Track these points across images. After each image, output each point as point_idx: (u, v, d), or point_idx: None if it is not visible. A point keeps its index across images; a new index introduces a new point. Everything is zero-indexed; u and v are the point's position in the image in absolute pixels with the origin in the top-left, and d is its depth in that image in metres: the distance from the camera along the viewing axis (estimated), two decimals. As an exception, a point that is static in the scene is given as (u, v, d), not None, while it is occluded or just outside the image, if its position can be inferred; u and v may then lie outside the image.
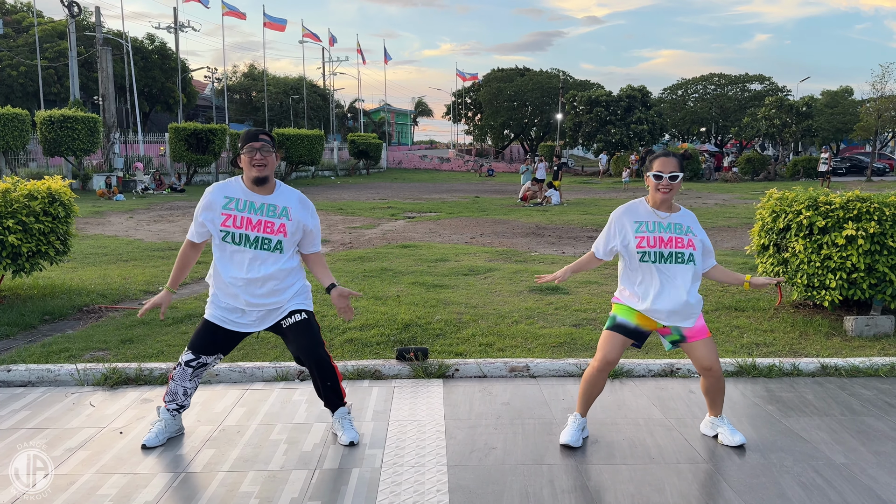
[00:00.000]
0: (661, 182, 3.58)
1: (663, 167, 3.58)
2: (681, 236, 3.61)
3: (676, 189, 3.60)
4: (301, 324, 3.70)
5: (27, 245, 6.63)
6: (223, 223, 3.57)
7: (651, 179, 3.62)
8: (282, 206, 3.62)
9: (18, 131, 23.85)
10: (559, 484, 3.37)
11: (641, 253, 3.60)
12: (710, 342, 3.67)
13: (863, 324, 5.92)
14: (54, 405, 4.41)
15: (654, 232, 3.60)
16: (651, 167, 3.63)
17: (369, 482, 3.37)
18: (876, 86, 38.02)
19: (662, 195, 3.60)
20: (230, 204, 3.58)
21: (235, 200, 3.59)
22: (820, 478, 3.42)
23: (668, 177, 3.56)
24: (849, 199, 6.03)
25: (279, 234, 3.59)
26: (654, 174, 3.59)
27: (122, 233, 13.73)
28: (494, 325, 6.15)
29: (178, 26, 43.10)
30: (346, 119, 72.99)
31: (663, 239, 3.59)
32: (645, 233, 3.61)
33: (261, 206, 3.59)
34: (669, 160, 3.59)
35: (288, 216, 3.61)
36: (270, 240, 3.58)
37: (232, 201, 3.59)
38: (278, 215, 3.59)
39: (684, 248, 3.59)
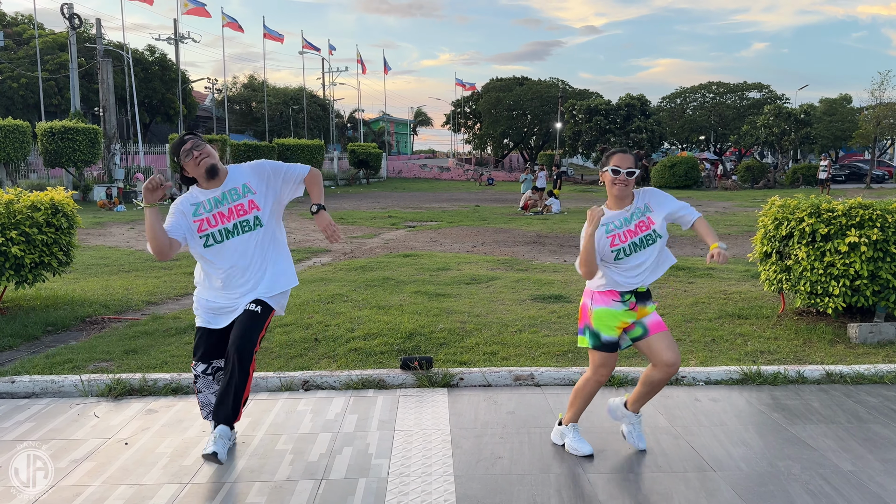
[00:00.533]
0: (618, 176, 3.60)
1: (620, 162, 3.61)
2: (641, 220, 3.64)
3: (631, 185, 3.64)
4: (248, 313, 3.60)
5: (30, 256, 6.63)
6: (199, 229, 3.60)
7: (608, 174, 3.64)
8: (241, 185, 3.65)
9: (19, 143, 23.91)
10: (567, 493, 3.35)
11: (616, 251, 3.61)
12: (670, 335, 3.68)
13: (867, 331, 5.91)
14: (59, 416, 4.40)
15: (622, 227, 3.64)
16: (608, 162, 3.65)
17: (376, 492, 3.36)
18: (875, 93, 38.15)
19: (618, 189, 3.62)
20: (198, 210, 3.61)
21: (200, 204, 3.62)
22: (828, 485, 3.41)
23: (625, 172, 3.58)
24: (851, 206, 6.04)
25: (253, 211, 3.63)
26: (612, 168, 3.61)
27: (123, 244, 13.74)
28: (498, 333, 6.15)
29: (179, 38, 43.23)
30: (346, 129, 73.14)
31: (631, 230, 3.63)
32: (614, 230, 3.63)
33: (223, 196, 3.62)
34: (626, 157, 3.63)
35: (251, 190, 3.64)
36: (248, 220, 3.63)
37: (199, 206, 3.62)
38: (242, 195, 3.63)
39: (648, 230, 3.63)
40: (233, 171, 3.70)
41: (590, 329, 3.71)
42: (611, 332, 3.65)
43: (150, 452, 3.84)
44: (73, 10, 30.01)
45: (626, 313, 3.64)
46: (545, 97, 61.74)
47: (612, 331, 3.65)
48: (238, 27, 46.42)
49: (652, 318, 3.68)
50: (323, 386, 4.91)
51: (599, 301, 3.70)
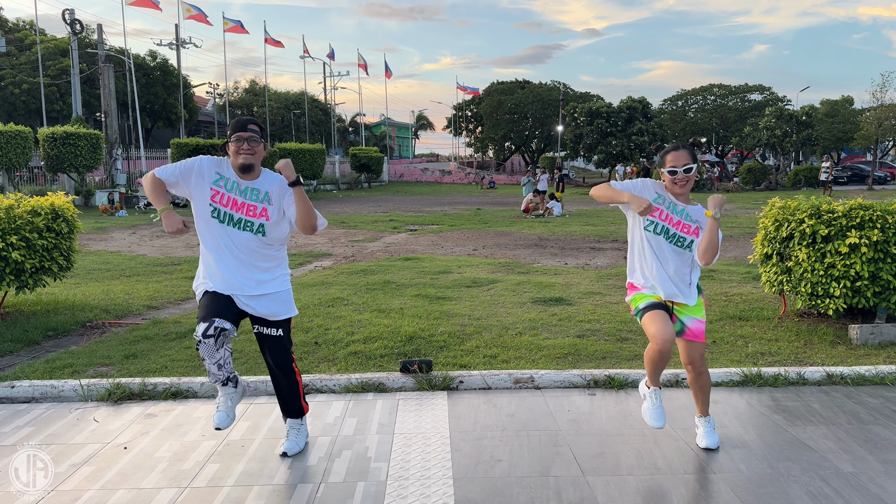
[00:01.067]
0: (676, 177, 3.59)
1: (676, 161, 3.59)
2: (689, 224, 3.64)
3: (692, 181, 3.62)
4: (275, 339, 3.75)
5: (30, 261, 6.64)
6: (212, 198, 3.60)
7: (666, 175, 3.62)
8: (264, 191, 3.65)
9: (21, 148, 23.98)
10: (566, 496, 3.35)
11: (650, 221, 3.63)
12: (701, 346, 3.72)
13: (868, 332, 5.90)
14: (58, 421, 4.40)
15: (669, 210, 3.65)
16: (664, 163, 3.63)
17: (375, 496, 3.36)
18: (876, 95, 38.13)
19: (680, 188, 3.62)
20: (220, 181, 3.62)
21: (226, 180, 3.63)
22: (828, 487, 3.40)
23: (682, 170, 3.57)
24: (851, 208, 6.03)
25: (261, 218, 3.62)
26: (669, 170, 3.60)
27: (124, 248, 13.75)
28: (498, 336, 6.14)
29: (180, 43, 43.34)
30: (348, 133, 73.24)
31: (673, 220, 3.64)
32: (661, 206, 3.65)
33: (245, 189, 3.63)
34: (681, 153, 3.60)
35: (269, 200, 3.64)
36: (252, 223, 3.62)
37: (222, 179, 3.63)
38: (261, 199, 3.63)
39: (688, 235, 3.63)
40: (266, 175, 3.71)
41: (635, 311, 3.77)
42: (648, 299, 3.68)
43: (149, 457, 3.84)
44: (74, 16, 30.11)
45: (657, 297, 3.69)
46: (546, 100, 61.77)
47: (648, 298, 3.68)
48: (241, 29, 46.47)
49: (694, 324, 3.68)
50: (322, 390, 4.91)
51: (634, 289, 3.80)
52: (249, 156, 3.58)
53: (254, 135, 3.58)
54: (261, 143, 3.61)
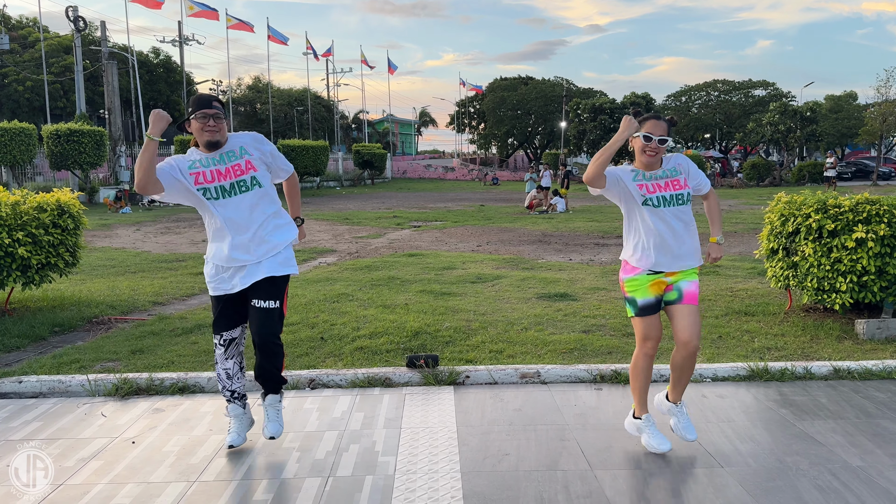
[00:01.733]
0: (649, 144, 3.50)
1: (653, 129, 3.50)
2: (675, 178, 3.58)
3: (661, 153, 3.55)
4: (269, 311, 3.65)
5: (37, 257, 6.65)
6: (195, 182, 3.58)
7: (640, 140, 3.52)
8: (238, 147, 3.66)
9: (25, 145, 24.04)
10: (574, 490, 3.35)
11: (644, 197, 3.54)
12: (697, 312, 3.57)
13: (874, 326, 5.88)
14: (66, 416, 4.41)
15: (650, 181, 3.57)
16: (641, 127, 3.53)
17: (383, 489, 3.36)
18: (880, 90, 38.01)
19: (648, 157, 3.53)
20: (195, 164, 3.61)
21: (197, 160, 3.62)
22: (837, 481, 3.39)
23: (657, 140, 3.50)
24: (858, 202, 6.01)
25: (250, 171, 3.62)
26: (644, 135, 3.50)
27: (129, 245, 13.77)
28: (504, 332, 6.14)
29: (183, 40, 43.35)
30: (351, 130, 73.21)
31: (661, 185, 3.56)
32: (643, 181, 3.57)
33: (220, 157, 3.62)
34: (660, 123, 3.52)
35: (247, 152, 3.66)
36: (245, 180, 3.61)
37: (195, 162, 3.62)
38: (238, 156, 3.63)
39: (682, 190, 3.56)
40: (231, 137, 3.71)
41: (627, 298, 3.70)
42: (646, 295, 3.60)
43: (158, 451, 3.85)
44: (77, 13, 30.14)
45: (656, 277, 3.59)
46: (550, 96, 61.71)
47: (646, 293, 3.60)
48: (247, 26, 46.44)
49: (690, 286, 3.58)
50: (329, 384, 4.91)
51: (629, 270, 3.68)
52: (215, 132, 3.56)
53: (218, 111, 3.57)
54: (223, 121, 3.60)
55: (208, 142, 3.58)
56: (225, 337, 3.78)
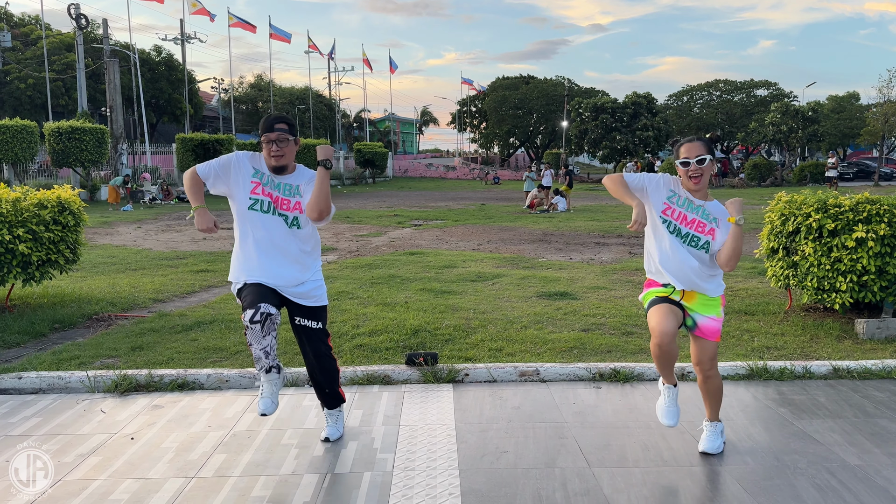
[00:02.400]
0: (689, 168, 3.45)
1: (689, 152, 3.46)
2: (705, 222, 3.50)
3: (707, 173, 3.47)
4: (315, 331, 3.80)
5: (37, 254, 6.66)
6: (252, 191, 3.63)
7: (680, 168, 3.51)
8: (295, 185, 3.68)
9: (27, 143, 24.05)
10: (572, 487, 3.35)
11: (664, 220, 3.53)
12: (713, 347, 3.57)
13: (874, 326, 5.88)
14: (65, 412, 4.42)
15: (682, 208, 3.52)
16: (678, 154, 3.52)
17: (381, 486, 3.37)
18: (882, 90, 37.97)
19: (694, 183, 3.48)
20: (257, 176, 3.66)
21: (262, 174, 3.66)
22: (835, 479, 3.39)
23: (695, 161, 3.44)
24: (858, 202, 6.00)
25: (294, 211, 3.65)
26: (681, 161, 3.48)
27: (130, 242, 13.78)
28: (503, 330, 6.14)
29: (185, 38, 43.36)
30: (352, 128, 73.22)
31: (687, 218, 3.51)
32: (674, 205, 3.54)
33: (278, 185, 3.66)
34: (694, 144, 3.47)
35: (300, 193, 3.67)
36: (287, 216, 3.64)
37: (259, 174, 3.66)
38: (293, 193, 3.66)
39: (702, 235, 3.49)
40: (299, 170, 3.75)
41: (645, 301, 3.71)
42: (656, 294, 3.60)
43: (156, 447, 3.85)
44: (80, 11, 30.15)
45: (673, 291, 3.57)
46: (551, 96, 61.67)
47: (657, 293, 3.60)
48: (248, 26, 46.47)
49: (706, 322, 3.55)
50: (328, 382, 4.91)
51: (646, 286, 3.73)
52: (280, 157, 3.60)
53: (282, 133, 3.57)
54: (290, 141, 3.62)
55: (273, 167, 3.64)
56: (262, 310, 3.43)
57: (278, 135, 3.56)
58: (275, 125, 3.58)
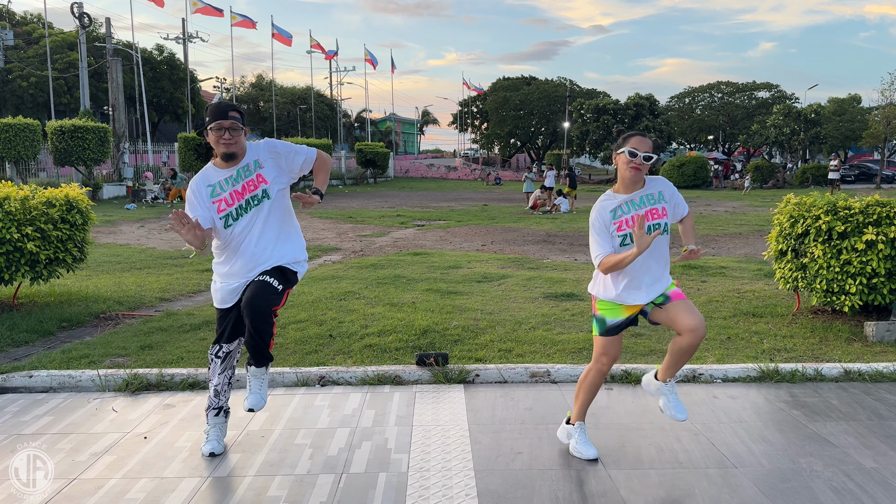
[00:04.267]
0: (635, 159, 3.45)
1: (639, 145, 3.46)
2: (655, 206, 3.52)
3: (645, 170, 3.50)
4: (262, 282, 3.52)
5: (45, 252, 6.65)
6: (219, 210, 3.53)
7: (624, 156, 3.48)
8: (252, 161, 3.58)
9: (29, 141, 24.03)
10: (588, 488, 3.34)
11: (623, 236, 3.50)
12: (691, 304, 3.52)
13: (884, 329, 5.87)
14: (77, 410, 4.41)
15: (629, 212, 3.52)
16: (625, 143, 3.50)
17: (397, 486, 3.36)
18: (885, 93, 37.94)
19: (633, 171, 3.48)
20: (215, 191, 3.55)
21: (215, 185, 3.55)
22: (852, 482, 3.38)
23: (642, 156, 3.45)
24: (868, 204, 6.00)
25: (261, 185, 3.55)
26: (630, 150, 3.46)
27: (133, 241, 13.78)
28: (512, 331, 6.13)
29: (187, 37, 43.36)
30: (354, 128, 73.21)
31: (640, 215, 3.47)
32: (622, 216, 3.52)
33: (237, 174, 3.55)
34: (645, 140, 3.49)
35: (260, 165, 3.58)
36: (257, 195, 3.55)
37: (215, 188, 3.55)
38: (252, 170, 3.56)
39: (661, 219, 3.50)
40: (249, 148, 3.63)
41: (596, 316, 3.67)
42: (617, 315, 3.57)
43: (170, 446, 3.85)
44: (83, 10, 30.13)
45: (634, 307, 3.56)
46: (552, 97, 61.66)
47: (618, 314, 3.57)
48: (250, 23, 46.46)
49: (674, 289, 3.54)
50: (339, 381, 4.91)
51: (602, 292, 3.64)
52: (231, 144, 3.49)
53: (235, 122, 3.48)
54: (240, 133, 3.52)
55: (224, 154, 3.53)
56: (224, 349, 3.72)
57: (232, 122, 3.46)
58: (229, 112, 3.48)
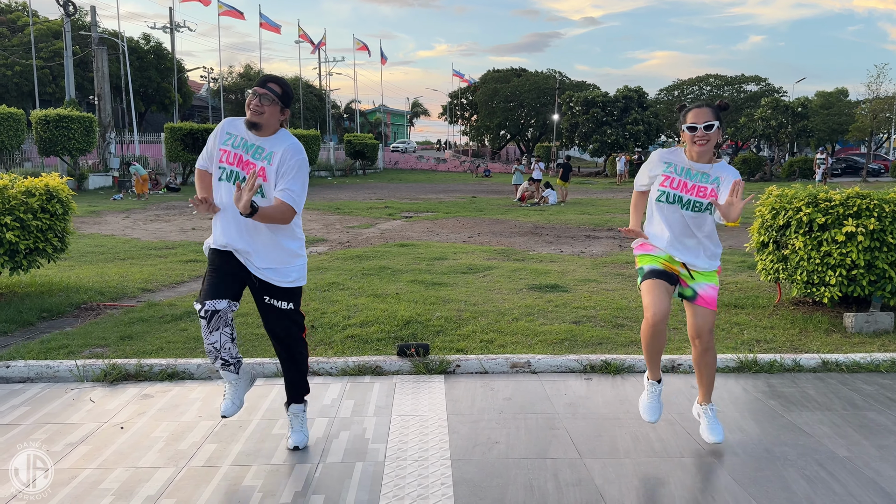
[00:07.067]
0: (696, 133, 3.42)
1: (697, 118, 3.43)
2: (705, 186, 3.48)
3: (714, 139, 3.44)
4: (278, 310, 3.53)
5: (25, 242, 6.59)
6: (220, 159, 3.48)
7: (686, 133, 3.47)
8: (268, 150, 3.46)
9: (14, 131, 23.81)
10: (563, 477, 3.36)
11: (662, 192, 3.52)
12: (711, 316, 3.53)
13: (862, 320, 5.92)
14: (54, 401, 4.39)
15: (681, 176, 3.51)
16: (685, 119, 3.49)
17: (373, 475, 3.36)
18: (871, 87, 38.19)
19: (699, 147, 3.44)
20: (229, 140, 3.50)
21: (234, 137, 3.50)
22: (823, 471, 3.42)
23: (702, 127, 3.40)
24: (848, 196, 6.04)
25: (258, 178, 3.39)
26: (689, 126, 3.44)
27: (118, 232, 13.68)
28: (494, 322, 6.14)
29: (174, 26, 43.00)
30: (343, 119, 72.93)
31: (687, 185, 3.49)
32: (672, 174, 3.53)
33: (251, 146, 3.47)
34: (703, 110, 3.45)
35: (270, 161, 3.45)
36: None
37: (231, 137, 3.50)
38: (262, 157, 3.45)
39: (704, 199, 3.47)
40: (279, 135, 3.50)
41: (638, 269, 3.67)
42: (654, 263, 3.55)
43: (146, 437, 3.83)
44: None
45: (669, 258, 3.55)
46: (542, 89, 61.66)
47: (656, 262, 3.55)
48: (237, 14, 46.12)
49: (706, 290, 3.52)
50: (319, 372, 4.90)
51: (640, 249, 3.69)
52: (258, 114, 3.41)
53: (268, 92, 3.41)
54: (276, 104, 3.43)
55: (248, 121, 3.44)
56: (207, 307, 3.36)
57: (265, 91, 3.41)
58: (267, 83, 3.44)
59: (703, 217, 3.52)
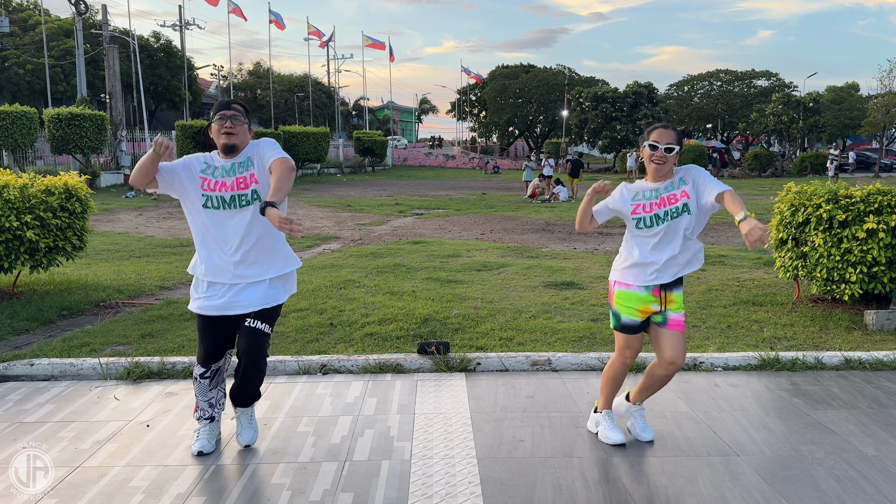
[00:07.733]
0: (656, 153, 3.46)
1: (660, 138, 3.46)
2: (674, 193, 3.49)
3: (671, 162, 3.48)
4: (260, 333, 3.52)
5: (45, 240, 6.63)
6: (202, 186, 3.45)
7: (646, 150, 3.50)
8: (246, 157, 3.49)
9: (27, 129, 23.93)
10: (591, 476, 3.35)
11: (636, 219, 3.54)
12: (683, 338, 3.55)
13: (884, 318, 5.89)
14: (79, 399, 4.42)
15: (649, 199, 3.53)
16: (648, 136, 3.51)
17: (400, 474, 3.37)
18: (883, 81, 37.90)
19: (656, 166, 3.49)
20: (207, 169, 3.49)
21: (213, 168, 3.49)
22: (853, 470, 3.40)
23: (663, 148, 3.44)
24: (869, 193, 5.99)
25: (252, 184, 3.43)
26: (650, 143, 3.47)
27: (132, 230, 13.75)
28: (512, 319, 6.14)
29: (184, 24, 43.11)
30: (351, 116, 72.99)
31: (655, 203, 3.51)
32: (640, 201, 3.55)
33: (231, 167, 3.47)
34: (668, 132, 3.47)
35: (253, 163, 3.48)
36: (246, 194, 3.43)
37: (210, 168, 3.49)
38: (246, 167, 3.47)
39: (677, 203, 3.47)
40: (250, 146, 3.55)
41: (612, 309, 3.67)
42: (631, 315, 3.56)
43: (172, 434, 3.85)
44: (79, -4, 29.92)
45: (648, 297, 3.55)
46: (551, 85, 61.47)
47: (632, 313, 3.56)
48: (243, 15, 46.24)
49: (676, 316, 3.55)
50: (341, 370, 4.91)
51: (621, 283, 3.64)
52: (232, 136, 3.43)
53: (237, 113, 3.45)
54: (244, 124, 3.48)
55: (224, 145, 3.44)
56: (213, 368, 3.61)
57: (233, 112, 3.44)
58: (231, 105, 3.47)
59: (682, 218, 3.51)
